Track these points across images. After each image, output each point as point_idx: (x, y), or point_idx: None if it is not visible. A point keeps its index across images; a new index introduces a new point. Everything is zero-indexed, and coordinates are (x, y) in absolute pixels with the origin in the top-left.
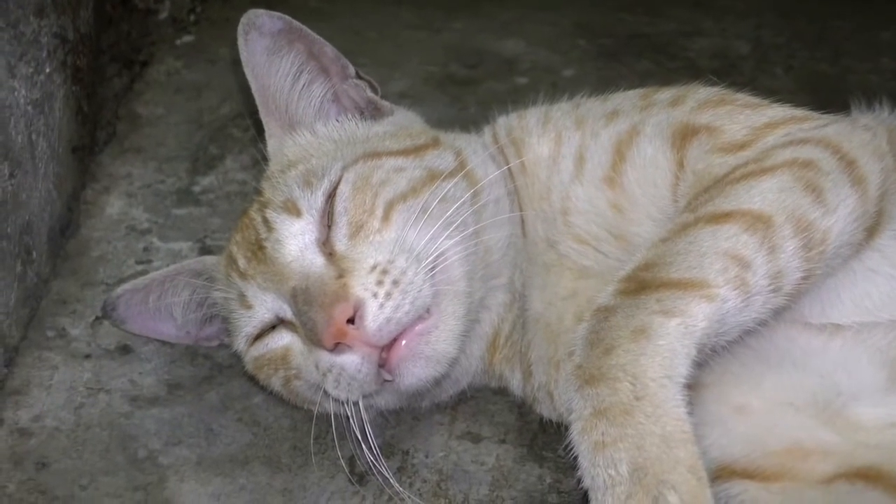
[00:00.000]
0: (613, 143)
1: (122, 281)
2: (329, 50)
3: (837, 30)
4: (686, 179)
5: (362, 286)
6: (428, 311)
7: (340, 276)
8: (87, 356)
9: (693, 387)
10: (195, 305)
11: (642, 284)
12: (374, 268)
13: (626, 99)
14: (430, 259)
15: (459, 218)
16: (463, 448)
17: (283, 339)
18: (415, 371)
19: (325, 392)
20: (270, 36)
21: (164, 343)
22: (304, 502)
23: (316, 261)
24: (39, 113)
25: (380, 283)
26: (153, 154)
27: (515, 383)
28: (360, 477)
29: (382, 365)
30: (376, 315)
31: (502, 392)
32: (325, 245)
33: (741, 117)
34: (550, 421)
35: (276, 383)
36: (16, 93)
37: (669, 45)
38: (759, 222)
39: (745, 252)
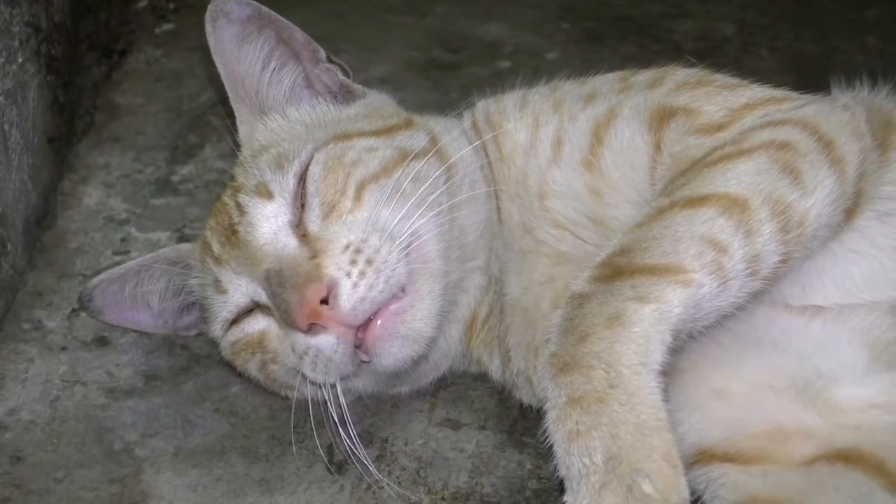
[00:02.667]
0: (591, 126)
1: (99, 272)
2: (299, 35)
3: (823, 9)
4: (663, 162)
5: (335, 266)
6: (403, 290)
7: (314, 256)
8: (64, 348)
9: (670, 372)
10: (172, 294)
11: (617, 270)
12: (347, 247)
13: (604, 82)
14: (403, 237)
15: (432, 196)
16: (443, 435)
17: (259, 324)
18: (392, 351)
19: (303, 375)
20: (239, 22)
21: (141, 334)
22: (282, 492)
23: (289, 243)
24: (12, 103)
25: (353, 262)
26: (132, 143)
27: (494, 368)
28: (339, 466)
29: (359, 346)
30: (350, 294)
31: (482, 378)
32: (299, 227)
33: (719, 98)
34: (530, 406)
35: (252, 368)
36: None
37: (654, 28)
38: (735, 206)
39: (721, 236)
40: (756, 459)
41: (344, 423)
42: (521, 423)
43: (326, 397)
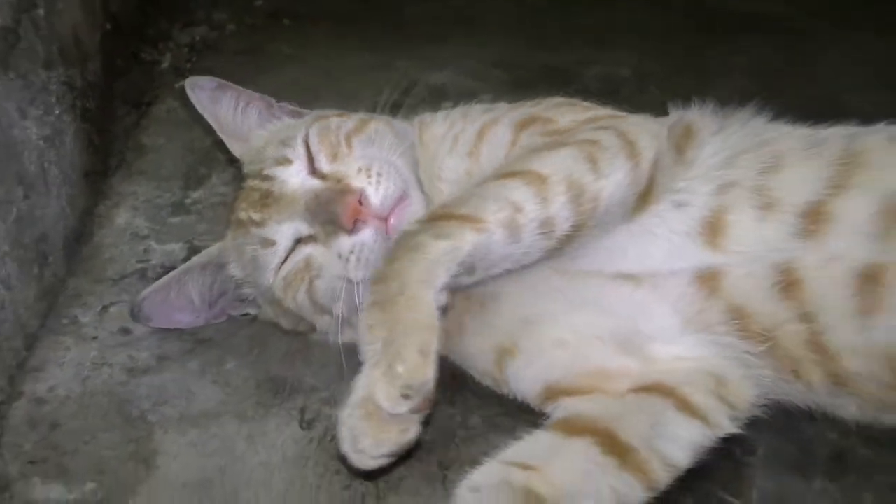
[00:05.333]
0: (480, 128)
1: (124, 276)
2: (253, 92)
3: (702, 57)
4: (514, 151)
5: (359, 181)
6: (404, 193)
7: (339, 181)
8: (95, 338)
9: (524, 324)
10: (207, 290)
11: (435, 216)
12: (360, 170)
13: (503, 105)
14: (391, 162)
15: (391, 143)
16: None
17: (302, 253)
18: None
19: (349, 280)
20: (209, 89)
21: None
22: (264, 444)
23: (316, 182)
24: (50, 146)
25: (369, 176)
26: (154, 175)
27: None
28: (309, 423)
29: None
30: (376, 193)
31: None
32: (317, 174)
33: (571, 115)
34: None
35: (300, 295)
36: (28, 130)
37: (569, 73)
38: (538, 180)
39: (518, 199)
40: (588, 391)
41: None
42: (452, 384)
43: (357, 294)
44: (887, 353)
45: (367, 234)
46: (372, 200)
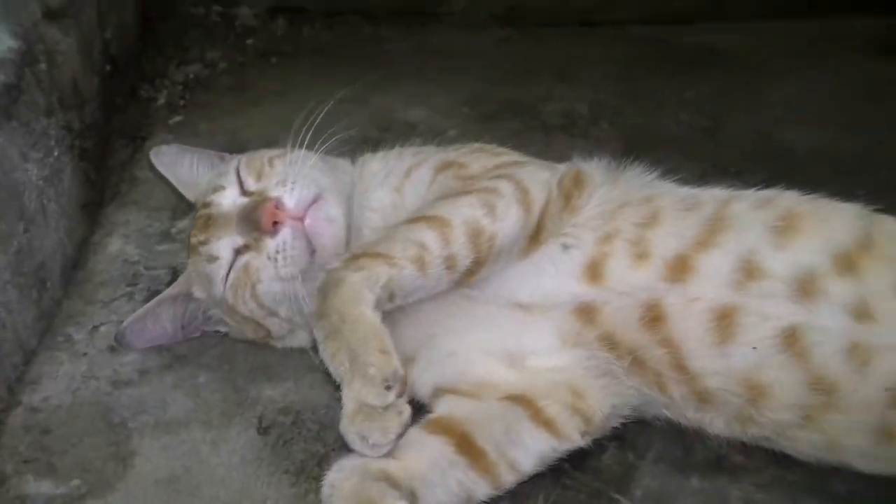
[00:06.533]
0: (407, 167)
1: (114, 299)
2: (208, 150)
3: (653, 92)
4: (432, 189)
5: (276, 191)
6: (319, 196)
7: (261, 193)
8: (85, 354)
9: (427, 338)
10: (179, 318)
11: (354, 256)
12: (277, 183)
13: (432, 148)
14: (307, 174)
15: (316, 165)
16: (338, 406)
17: (241, 261)
18: (322, 225)
19: (280, 277)
20: (171, 154)
21: None
22: (225, 448)
23: (244, 199)
24: (49, 185)
25: (284, 185)
26: (145, 205)
27: None
28: (265, 429)
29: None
30: (290, 198)
31: None
32: (245, 194)
33: (483, 160)
34: None
35: (248, 299)
36: (28, 172)
37: (531, 109)
38: (441, 224)
39: (424, 239)
40: (468, 395)
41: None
42: None
43: (295, 293)
44: (742, 375)
45: (286, 233)
46: (287, 204)
